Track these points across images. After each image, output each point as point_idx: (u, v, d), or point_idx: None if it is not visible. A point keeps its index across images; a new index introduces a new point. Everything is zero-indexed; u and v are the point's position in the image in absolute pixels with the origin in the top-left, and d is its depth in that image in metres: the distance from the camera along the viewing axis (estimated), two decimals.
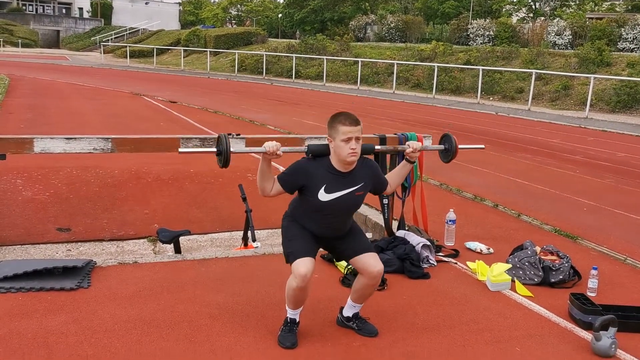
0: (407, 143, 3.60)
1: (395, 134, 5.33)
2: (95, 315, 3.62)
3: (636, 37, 24.93)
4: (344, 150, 3.18)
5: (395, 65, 25.69)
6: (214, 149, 3.44)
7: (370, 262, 3.38)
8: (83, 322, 3.51)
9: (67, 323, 3.49)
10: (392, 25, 35.48)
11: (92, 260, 4.44)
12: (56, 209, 6.49)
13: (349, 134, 3.16)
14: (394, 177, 3.63)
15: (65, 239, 5.76)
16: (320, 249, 3.55)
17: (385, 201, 5.28)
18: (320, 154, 3.34)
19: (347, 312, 3.61)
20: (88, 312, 3.65)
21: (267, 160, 3.24)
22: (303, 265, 3.21)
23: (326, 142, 3.30)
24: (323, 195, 3.27)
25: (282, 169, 3.41)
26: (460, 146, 3.96)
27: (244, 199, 5.24)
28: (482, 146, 4.51)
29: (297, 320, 3.44)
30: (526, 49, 25.79)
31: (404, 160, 3.60)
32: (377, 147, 3.74)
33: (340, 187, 3.29)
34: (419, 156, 5.23)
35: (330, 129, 3.24)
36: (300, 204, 3.40)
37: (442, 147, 4.03)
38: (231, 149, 3.36)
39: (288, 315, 3.44)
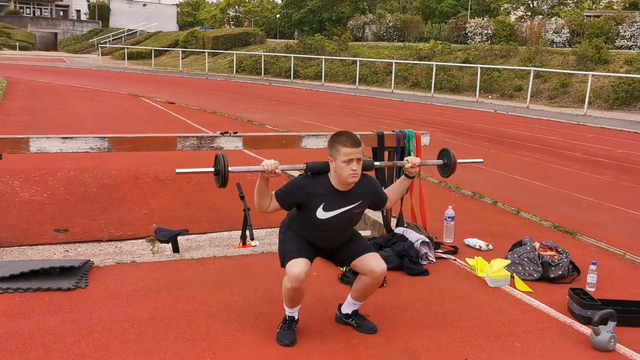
0: (405, 158, 3.61)
1: (393, 131, 5.32)
2: (93, 314, 3.60)
3: (634, 35, 24.94)
4: (345, 171, 3.18)
5: (394, 65, 25.67)
6: (212, 169, 3.42)
7: (373, 263, 3.38)
8: (80, 322, 3.49)
9: (65, 323, 3.48)
10: (390, 24, 35.48)
11: (89, 260, 4.43)
12: (54, 210, 6.48)
13: (351, 155, 3.16)
14: (393, 192, 3.65)
15: (63, 240, 5.74)
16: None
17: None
18: (319, 171, 3.33)
19: (346, 309, 3.60)
20: (85, 311, 3.64)
21: (265, 178, 3.23)
22: (296, 266, 3.20)
23: (326, 154, 3.30)
24: (321, 214, 3.27)
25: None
26: (459, 161, 3.98)
27: (242, 198, 5.24)
28: (481, 160, 4.57)
29: (296, 317, 3.43)
30: (524, 47, 25.80)
31: (403, 176, 3.62)
32: (376, 163, 3.80)
33: (339, 205, 3.29)
34: (417, 153, 5.26)
35: (331, 148, 3.23)
36: (298, 218, 3.39)
37: (440, 162, 4.07)
38: (229, 168, 3.33)
39: (286, 313, 3.43)
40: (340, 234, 3.42)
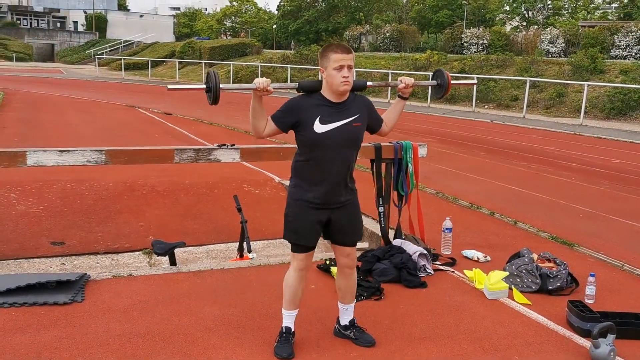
0: (399, 79, 3.56)
1: (390, 143, 5.31)
2: (89, 329, 3.58)
3: (629, 45, 25.07)
4: (337, 79, 3.15)
5: (390, 75, 25.73)
6: (203, 86, 3.38)
7: (345, 252, 3.42)
8: (77, 337, 3.47)
9: (61, 338, 3.45)
10: (386, 35, 35.61)
11: (85, 273, 4.40)
12: (50, 223, 6.45)
13: (341, 61, 3.13)
14: (389, 114, 3.62)
15: (59, 252, 5.71)
16: (315, 259, 3.53)
17: (382, 210, 5.25)
18: (311, 89, 3.31)
19: (343, 319, 3.59)
20: (82, 326, 3.61)
21: (258, 97, 3.19)
22: (301, 259, 3.30)
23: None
24: (318, 127, 3.20)
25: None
26: (452, 82, 3.84)
27: (239, 210, 5.22)
28: (475, 82, 4.78)
29: (292, 329, 3.42)
30: (520, 57, 25.91)
31: (398, 97, 3.60)
32: (369, 82, 3.65)
33: (336, 118, 3.23)
34: (415, 165, 5.26)
35: (322, 58, 3.21)
36: (299, 151, 3.34)
37: (434, 82, 3.91)
38: (220, 86, 3.30)
39: (284, 321, 3.43)
40: (343, 155, 3.26)
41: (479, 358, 3.43)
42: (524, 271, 4.50)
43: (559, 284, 4.42)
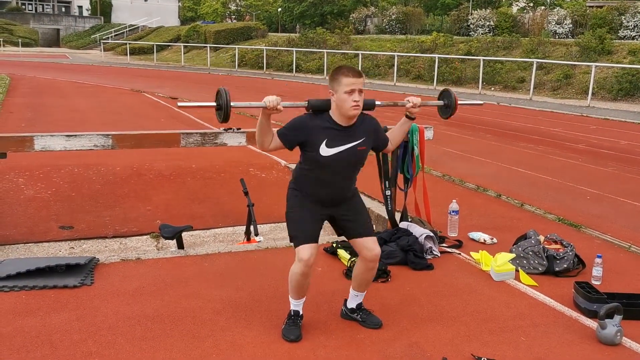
0: (406, 98, 3.56)
1: None
2: (99, 312, 3.62)
3: (637, 25, 24.79)
4: (347, 102, 3.14)
5: (396, 58, 25.63)
6: (214, 104, 3.37)
7: (369, 245, 3.38)
8: (86, 319, 3.51)
9: (71, 320, 3.49)
10: (392, 17, 35.35)
11: (94, 257, 4.44)
12: (58, 207, 6.49)
13: (352, 85, 3.12)
14: (394, 134, 3.60)
15: (67, 236, 5.75)
16: (322, 242, 3.54)
17: (388, 193, 5.26)
18: (321, 108, 3.29)
19: (351, 303, 3.61)
20: (91, 309, 3.65)
21: (266, 115, 3.19)
22: (306, 250, 3.21)
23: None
24: (324, 150, 3.21)
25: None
26: (459, 102, 3.87)
27: (246, 193, 5.23)
28: (481, 102, 4.59)
29: (301, 312, 3.44)
30: (527, 38, 25.68)
31: (404, 117, 3.58)
32: (378, 102, 3.62)
33: (342, 141, 3.23)
34: (421, 147, 5.25)
35: (332, 81, 3.19)
36: (303, 165, 3.35)
37: (441, 102, 3.93)
38: (231, 103, 3.28)
39: (292, 307, 3.44)
40: (345, 175, 3.34)
41: (485, 339, 3.44)
42: (530, 253, 4.51)
43: (565, 266, 4.43)
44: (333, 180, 3.31)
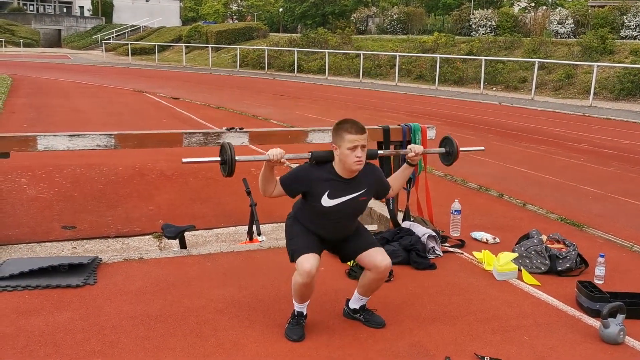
0: (408, 147, 3.61)
1: (399, 125, 5.31)
2: (102, 311, 3.62)
3: (639, 25, 24.77)
4: (350, 158, 3.18)
5: (398, 57, 25.61)
6: (218, 159, 3.41)
7: (378, 258, 3.37)
8: (90, 319, 3.51)
9: (74, 320, 3.49)
10: (394, 17, 35.34)
11: (97, 257, 4.45)
12: (61, 207, 6.50)
13: (355, 142, 3.16)
14: (395, 181, 3.64)
15: (70, 236, 5.76)
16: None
17: None
18: (324, 160, 3.32)
19: (354, 304, 3.61)
20: (95, 308, 3.66)
21: (270, 167, 3.23)
22: (307, 261, 3.21)
23: (330, 144, 3.30)
24: (326, 201, 3.26)
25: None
26: (461, 149, 3.97)
27: (249, 193, 5.24)
28: (482, 148, 4.58)
29: (305, 313, 3.44)
30: (528, 38, 25.66)
31: (405, 164, 3.61)
32: (380, 152, 3.76)
33: (344, 192, 3.28)
34: (422, 144, 5.25)
35: (335, 136, 3.23)
36: (304, 208, 3.40)
37: (443, 150, 4.05)
38: (236, 158, 3.32)
39: (295, 308, 3.44)
40: (346, 222, 3.42)
41: (488, 338, 3.44)
42: (533, 252, 4.51)
43: (568, 265, 4.43)
44: (334, 225, 3.38)
